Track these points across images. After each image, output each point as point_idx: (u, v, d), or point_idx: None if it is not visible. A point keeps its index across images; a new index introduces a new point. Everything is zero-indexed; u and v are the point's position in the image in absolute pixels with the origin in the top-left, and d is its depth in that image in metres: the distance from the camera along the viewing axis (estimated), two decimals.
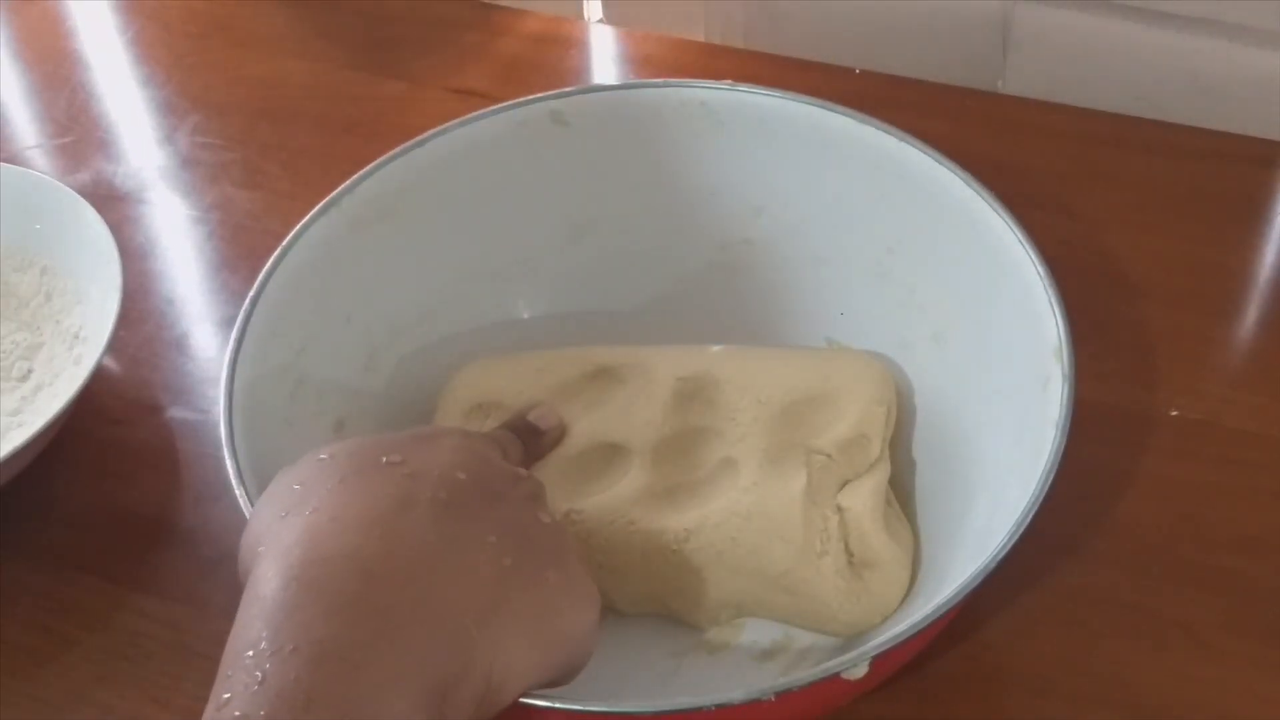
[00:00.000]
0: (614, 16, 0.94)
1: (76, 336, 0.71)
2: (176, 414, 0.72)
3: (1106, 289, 0.72)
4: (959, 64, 0.85)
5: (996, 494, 0.56)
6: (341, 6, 0.93)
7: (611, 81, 0.88)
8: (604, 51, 0.91)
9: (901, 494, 0.63)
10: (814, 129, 0.66)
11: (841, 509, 0.60)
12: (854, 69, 0.84)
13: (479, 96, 0.83)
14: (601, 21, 0.94)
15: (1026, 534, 0.51)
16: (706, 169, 0.69)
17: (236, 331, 0.60)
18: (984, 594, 0.52)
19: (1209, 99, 0.80)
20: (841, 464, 0.60)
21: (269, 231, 0.74)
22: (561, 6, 0.93)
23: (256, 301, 0.61)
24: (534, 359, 0.65)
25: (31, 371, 0.71)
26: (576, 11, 0.94)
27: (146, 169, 0.84)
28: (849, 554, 0.59)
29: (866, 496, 0.60)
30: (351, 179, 0.65)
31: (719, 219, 0.70)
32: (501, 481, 0.50)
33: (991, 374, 0.61)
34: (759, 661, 0.60)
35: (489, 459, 0.52)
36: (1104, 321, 0.70)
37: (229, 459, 0.56)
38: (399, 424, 0.64)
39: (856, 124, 0.65)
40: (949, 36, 0.85)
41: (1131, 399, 0.68)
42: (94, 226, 0.71)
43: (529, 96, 0.68)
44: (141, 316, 0.76)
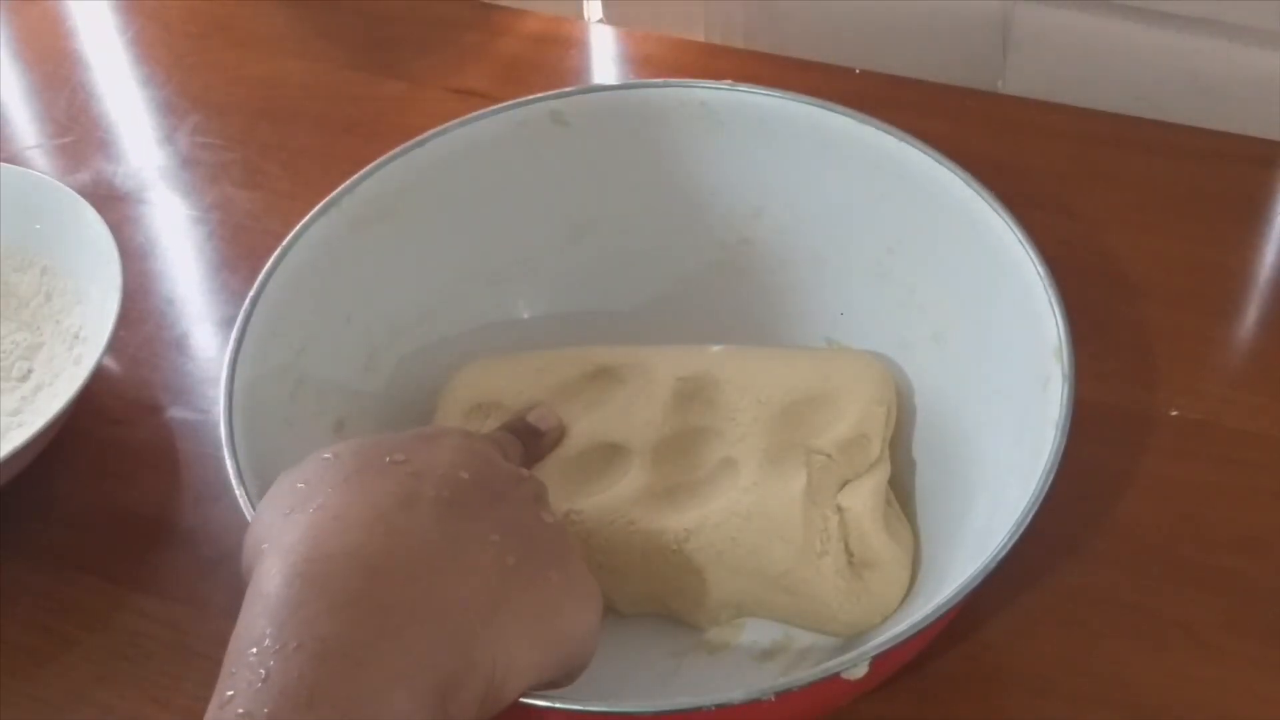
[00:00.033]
0: (614, 16, 0.94)
1: (76, 336, 0.71)
2: (176, 414, 0.72)
3: (1106, 289, 0.72)
4: (959, 64, 0.85)
5: (996, 494, 0.56)
6: (341, 6, 0.93)
7: (611, 81, 0.88)
8: (604, 51, 0.91)
9: (901, 494, 0.63)
10: (814, 129, 0.66)
11: (841, 509, 0.60)
12: (854, 69, 0.84)
13: (479, 96, 0.83)
14: (601, 21, 0.94)
15: (1026, 534, 0.51)
16: (706, 169, 0.69)
17: (236, 331, 0.60)
18: (984, 594, 0.52)
19: (1209, 99, 0.80)
20: (841, 464, 0.60)
21: (269, 231, 0.74)
22: (561, 6, 0.93)
23: (256, 301, 0.61)
24: (534, 359, 0.65)
25: (31, 371, 0.71)
26: (576, 11, 0.94)
27: (146, 169, 0.84)
28: (849, 554, 0.59)
29: (866, 496, 0.60)
30: (351, 179, 0.65)
31: (719, 219, 0.70)
32: (504, 481, 0.50)
33: (991, 374, 0.61)
34: (759, 661, 0.60)
35: (491, 459, 0.52)
36: (1104, 321, 0.70)
37: (229, 459, 0.56)
38: (399, 424, 0.64)
39: (856, 124, 0.65)
40: (949, 36, 0.85)
41: (1131, 399, 0.68)
42: (94, 226, 0.71)
43: (529, 96, 0.68)
44: (141, 316, 0.76)
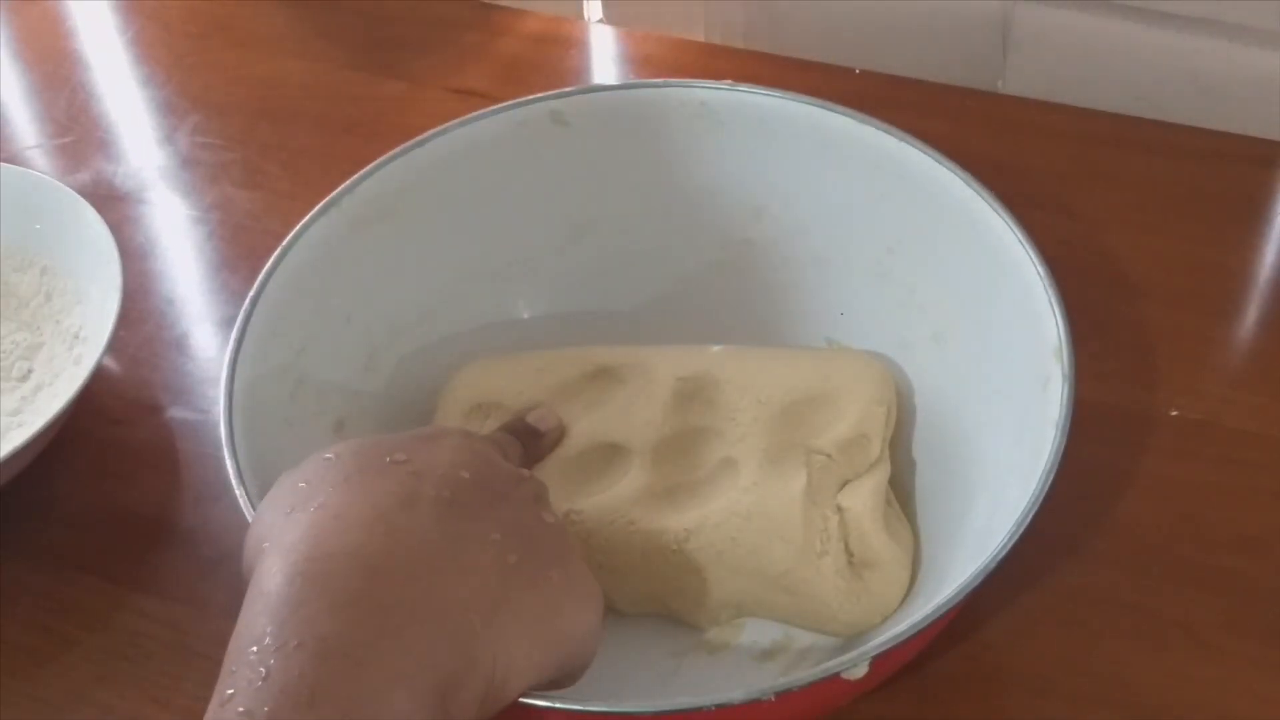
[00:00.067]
0: (614, 16, 0.94)
1: (76, 336, 0.71)
2: (176, 414, 0.72)
3: (1106, 289, 0.72)
4: (959, 64, 0.85)
5: (996, 494, 0.56)
6: (341, 6, 0.93)
7: (611, 81, 0.88)
8: (604, 51, 0.91)
9: (901, 494, 0.63)
10: (814, 129, 0.66)
11: (841, 509, 0.60)
12: (854, 69, 0.84)
13: (479, 96, 0.83)
14: (601, 21, 0.94)
15: (1026, 534, 0.51)
16: (706, 169, 0.69)
17: (236, 331, 0.60)
18: (984, 594, 0.52)
19: (1209, 99, 0.80)
20: (841, 464, 0.60)
21: (269, 231, 0.74)
22: (561, 6, 0.93)
23: (256, 301, 0.61)
24: (534, 359, 0.65)
25: (31, 371, 0.71)
26: (576, 11, 0.94)
27: (146, 169, 0.84)
28: (849, 554, 0.59)
29: (866, 496, 0.60)
30: (351, 179, 0.65)
31: (719, 219, 0.70)
32: (505, 481, 0.50)
33: (991, 374, 0.61)
34: (759, 661, 0.60)
35: (492, 459, 0.52)
36: (1104, 321, 0.70)
37: (229, 459, 0.56)
38: (399, 424, 0.64)
39: (856, 124, 0.65)
40: (949, 36, 0.85)
41: (1131, 399, 0.68)
42: (94, 226, 0.71)
43: (529, 96, 0.68)
44: (141, 316, 0.76)
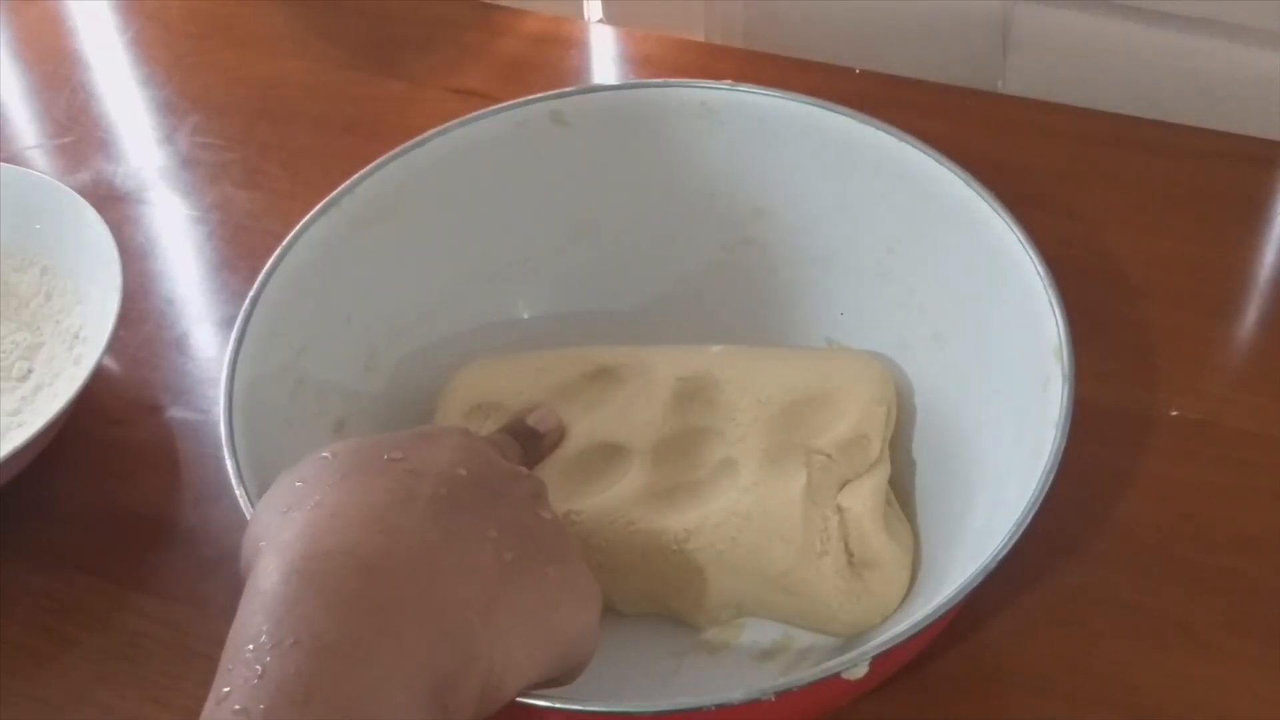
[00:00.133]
0: (614, 16, 0.94)
1: (76, 336, 0.71)
2: (176, 414, 0.72)
3: (1106, 289, 0.72)
4: (959, 64, 0.85)
5: (996, 494, 0.56)
6: (341, 6, 0.93)
7: (611, 81, 0.88)
8: (604, 51, 0.91)
9: (901, 494, 0.63)
10: (814, 129, 0.66)
11: (841, 509, 0.60)
12: (854, 69, 0.84)
13: (479, 96, 0.83)
14: (601, 21, 0.94)
15: (1026, 534, 0.51)
16: (706, 169, 0.69)
17: (236, 331, 0.60)
18: (984, 594, 0.52)
19: (1209, 99, 0.80)
20: (841, 464, 0.60)
21: (269, 231, 0.74)
22: (561, 6, 0.93)
23: (256, 301, 0.61)
24: (534, 359, 0.65)
25: (31, 371, 0.71)
26: (576, 11, 0.94)
27: (146, 169, 0.84)
28: (849, 554, 0.59)
29: (866, 496, 0.60)
30: (351, 179, 0.65)
31: (719, 219, 0.70)
32: (502, 479, 0.50)
33: (991, 374, 0.61)
34: (759, 661, 0.60)
35: (490, 458, 0.51)
36: (1104, 321, 0.70)
37: (229, 459, 0.56)
38: (399, 424, 0.64)
39: (856, 124, 0.65)
40: (949, 36, 0.85)
41: (1131, 399, 0.68)
42: (94, 226, 0.71)
43: (529, 96, 0.68)
44: (141, 316, 0.76)
